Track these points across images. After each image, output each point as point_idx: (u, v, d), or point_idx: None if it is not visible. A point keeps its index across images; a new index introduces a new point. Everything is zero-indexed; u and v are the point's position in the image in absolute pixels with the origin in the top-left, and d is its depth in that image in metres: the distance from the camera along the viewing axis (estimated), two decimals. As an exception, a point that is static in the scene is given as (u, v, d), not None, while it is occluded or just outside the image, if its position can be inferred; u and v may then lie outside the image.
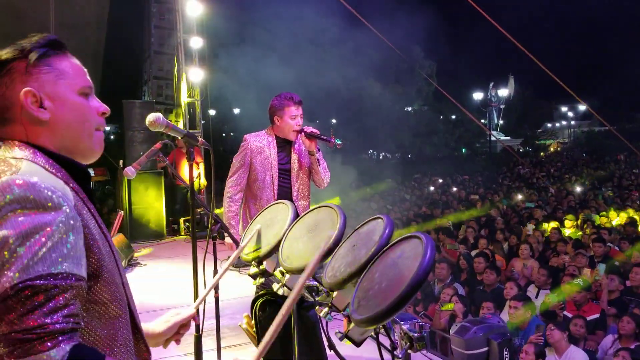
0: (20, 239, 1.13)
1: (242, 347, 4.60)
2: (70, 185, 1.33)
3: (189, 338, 4.30)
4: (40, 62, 1.38)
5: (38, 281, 1.11)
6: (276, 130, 4.26)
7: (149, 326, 1.75)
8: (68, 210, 1.22)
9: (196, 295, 2.80)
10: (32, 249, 1.13)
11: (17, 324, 1.09)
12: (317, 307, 1.91)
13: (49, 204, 1.19)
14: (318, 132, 4.17)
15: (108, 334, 1.31)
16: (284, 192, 4.26)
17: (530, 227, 10.60)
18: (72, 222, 1.21)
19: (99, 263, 1.29)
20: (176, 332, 1.81)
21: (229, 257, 6.99)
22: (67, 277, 1.15)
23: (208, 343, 3.97)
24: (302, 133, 4.17)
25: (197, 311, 1.93)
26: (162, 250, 8.82)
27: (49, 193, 1.20)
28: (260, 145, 4.22)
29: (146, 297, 5.84)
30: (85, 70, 1.48)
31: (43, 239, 1.15)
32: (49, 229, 1.16)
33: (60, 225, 1.18)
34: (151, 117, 2.30)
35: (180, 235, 10.01)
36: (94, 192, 1.47)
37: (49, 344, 1.09)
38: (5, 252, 1.13)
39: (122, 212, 9.17)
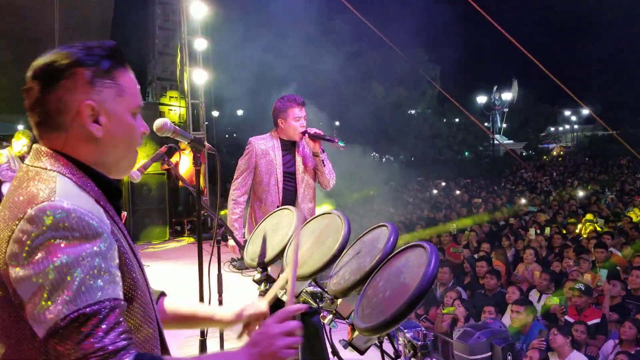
0: (62, 270, 1.12)
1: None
2: (101, 203, 1.31)
3: (192, 341, 4.32)
4: (105, 75, 1.33)
5: (86, 309, 1.11)
6: (280, 133, 4.27)
7: (217, 310, 1.73)
8: (106, 236, 1.21)
9: (201, 297, 2.81)
10: (77, 279, 1.13)
11: (76, 352, 1.10)
12: (321, 315, 1.92)
13: (89, 232, 1.17)
14: (322, 133, 4.19)
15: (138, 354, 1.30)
16: (289, 195, 4.28)
17: (532, 231, 10.59)
18: (110, 247, 1.21)
19: (133, 282, 1.29)
20: (246, 325, 1.73)
21: (231, 258, 6.96)
22: (112, 300, 1.15)
23: (211, 345, 3.99)
24: (306, 134, 4.18)
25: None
26: (165, 251, 8.84)
27: (88, 220, 1.19)
28: (264, 147, 4.24)
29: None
30: (139, 86, 1.45)
31: (87, 268, 1.14)
32: (90, 258, 1.15)
33: (101, 252, 1.18)
34: (159, 122, 2.31)
35: (183, 236, 10.04)
36: (121, 209, 1.47)
37: None
38: (49, 284, 1.12)
39: (125, 213, 9.20)
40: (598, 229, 10.70)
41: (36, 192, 1.20)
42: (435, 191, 20.81)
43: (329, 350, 2.07)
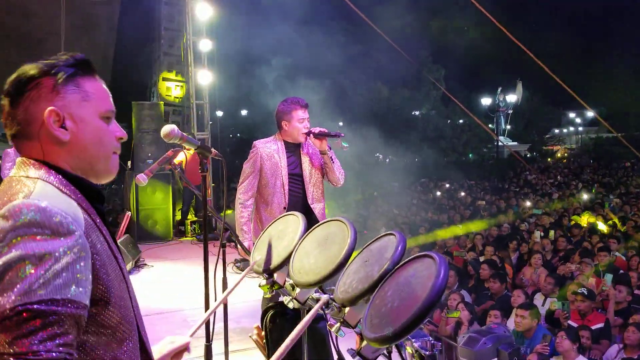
0: (28, 263, 1.13)
1: (249, 351, 4.60)
2: (83, 206, 1.33)
3: (196, 343, 4.33)
4: (68, 82, 1.38)
5: (37, 305, 1.11)
6: (284, 135, 4.30)
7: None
8: (78, 236, 1.22)
9: (207, 301, 2.82)
10: (37, 273, 1.13)
11: (9, 347, 1.09)
12: (328, 323, 1.92)
13: (60, 230, 1.19)
14: (326, 131, 4.23)
15: (113, 358, 1.30)
16: (295, 197, 4.30)
17: (537, 234, 10.57)
18: (80, 248, 1.21)
19: (106, 289, 1.29)
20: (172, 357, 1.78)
21: (235, 260, 6.96)
22: (68, 304, 1.15)
23: (215, 347, 3.99)
24: (311, 134, 4.22)
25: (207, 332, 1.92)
26: (169, 251, 8.85)
27: (60, 218, 1.20)
28: (269, 151, 4.26)
29: (153, 299, 5.86)
30: (110, 94, 1.49)
31: (50, 264, 1.15)
32: (57, 254, 1.16)
33: (69, 251, 1.18)
34: (166, 129, 2.31)
35: (186, 236, 10.04)
36: (105, 213, 1.49)
37: None
38: (10, 275, 1.13)
39: (129, 212, 9.21)
40: (601, 229, 10.68)
41: (14, 194, 1.24)
42: (438, 193, 20.77)
43: (335, 357, 2.07)
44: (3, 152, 7.51)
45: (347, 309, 1.85)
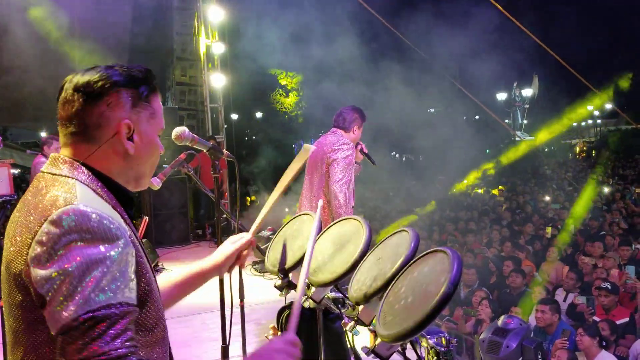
0: (81, 271, 1.17)
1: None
2: (118, 210, 1.37)
3: (212, 345, 4.33)
4: (144, 98, 1.43)
5: (97, 312, 1.15)
6: (348, 137, 4.54)
7: (209, 260, 1.86)
8: (124, 240, 1.25)
9: (222, 304, 2.81)
10: (92, 281, 1.17)
11: (81, 354, 1.14)
12: (343, 321, 1.90)
13: (108, 235, 1.22)
14: (366, 152, 4.73)
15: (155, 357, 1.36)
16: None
17: (549, 230, 10.47)
18: (128, 252, 1.25)
19: (149, 287, 1.34)
20: (237, 258, 1.90)
21: (252, 262, 6.96)
22: (124, 305, 1.19)
23: (232, 349, 3.99)
24: (361, 148, 4.65)
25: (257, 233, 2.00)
26: (187, 255, 8.89)
27: (108, 224, 1.23)
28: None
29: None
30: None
31: (103, 271, 1.18)
32: (108, 261, 1.20)
33: (118, 256, 1.22)
34: (177, 131, 2.31)
35: (204, 240, 10.08)
36: (132, 217, 1.51)
37: None
38: (67, 285, 1.16)
39: (147, 217, 9.26)
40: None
41: (57, 196, 1.26)
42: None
43: (352, 356, 2.06)
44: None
45: (361, 307, 1.84)
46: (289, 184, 2.04)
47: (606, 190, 16.69)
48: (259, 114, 36.79)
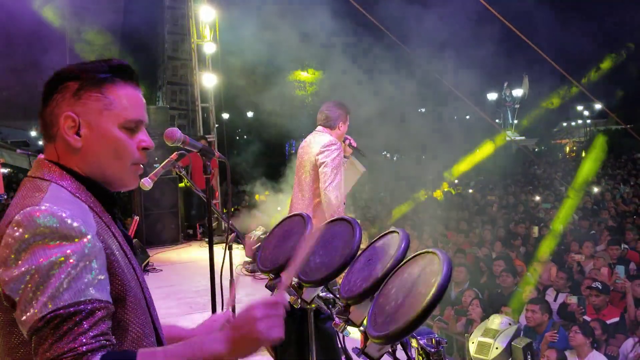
0: (45, 270, 1.16)
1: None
2: (96, 210, 1.35)
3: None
4: (92, 88, 1.36)
5: (64, 310, 1.15)
6: (334, 134, 4.43)
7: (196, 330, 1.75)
8: (90, 237, 1.23)
9: (213, 303, 2.82)
10: (57, 279, 1.16)
11: (49, 353, 1.13)
12: (334, 322, 1.91)
13: (72, 233, 1.21)
14: (355, 145, 4.60)
15: None
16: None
17: (536, 229, 10.54)
18: (95, 249, 1.23)
19: (123, 286, 1.31)
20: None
21: (244, 262, 6.94)
22: (95, 302, 1.18)
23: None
24: (349, 143, 4.54)
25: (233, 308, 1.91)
26: (178, 255, 8.86)
27: (72, 222, 1.22)
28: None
29: (162, 303, 5.87)
30: (144, 102, 1.45)
31: (68, 269, 1.17)
32: (72, 259, 1.18)
33: (84, 253, 1.20)
34: (169, 132, 2.32)
35: (195, 240, 10.05)
36: (119, 217, 1.49)
37: None
38: (32, 285, 1.16)
39: (137, 217, 9.22)
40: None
41: (26, 199, 1.26)
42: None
43: (343, 357, 2.06)
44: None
45: (352, 308, 1.85)
46: None
47: (596, 190, 16.80)
48: (250, 114, 36.70)
